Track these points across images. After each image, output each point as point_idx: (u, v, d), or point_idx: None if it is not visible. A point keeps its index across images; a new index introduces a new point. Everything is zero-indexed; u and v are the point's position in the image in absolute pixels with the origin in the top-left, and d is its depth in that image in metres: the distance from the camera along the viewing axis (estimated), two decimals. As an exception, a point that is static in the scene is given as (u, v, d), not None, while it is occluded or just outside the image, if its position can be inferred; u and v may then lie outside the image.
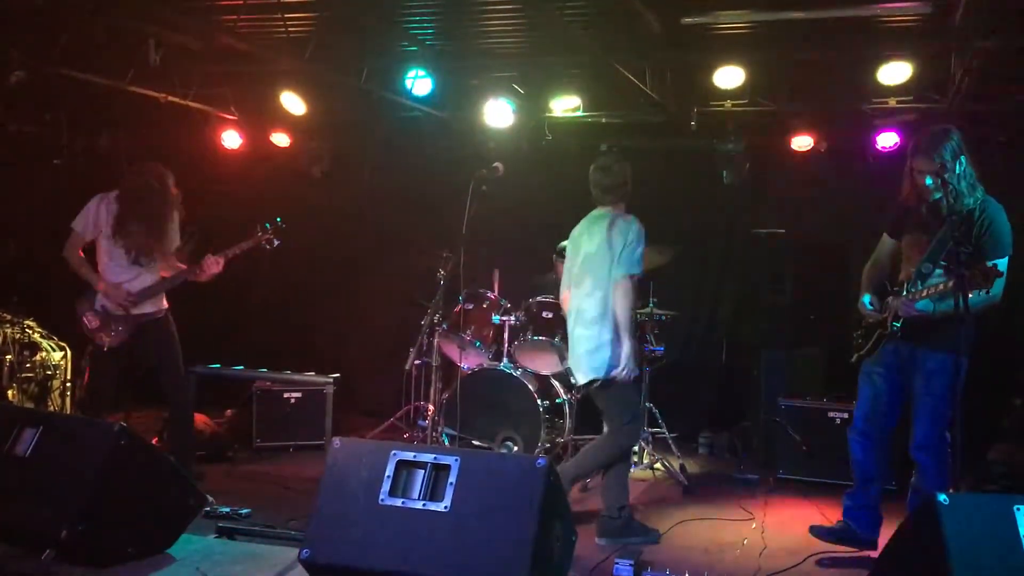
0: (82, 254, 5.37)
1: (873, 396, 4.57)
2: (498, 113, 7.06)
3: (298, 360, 7.19)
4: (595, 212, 5.08)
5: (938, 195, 4.15)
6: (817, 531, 4.76)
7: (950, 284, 4.01)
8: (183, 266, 5.49)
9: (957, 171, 4.16)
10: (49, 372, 6.72)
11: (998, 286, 3.98)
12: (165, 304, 5.51)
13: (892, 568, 3.38)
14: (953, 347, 4.02)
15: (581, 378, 5.01)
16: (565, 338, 6.46)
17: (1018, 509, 2.97)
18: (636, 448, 6.64)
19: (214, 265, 5.40)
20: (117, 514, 3.56)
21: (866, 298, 4.56)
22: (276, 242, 5.61)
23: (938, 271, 4.24)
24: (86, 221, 5.34)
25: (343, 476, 3.30)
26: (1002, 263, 4.09)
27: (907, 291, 4.33)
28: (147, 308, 5.39)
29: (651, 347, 6.60)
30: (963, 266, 3.81)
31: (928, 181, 4.18)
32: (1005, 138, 6.27)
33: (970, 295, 3.77)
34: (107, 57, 6.50)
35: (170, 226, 5.50)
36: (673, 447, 6.71)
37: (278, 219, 5.61)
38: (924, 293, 4.23)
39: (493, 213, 5.82)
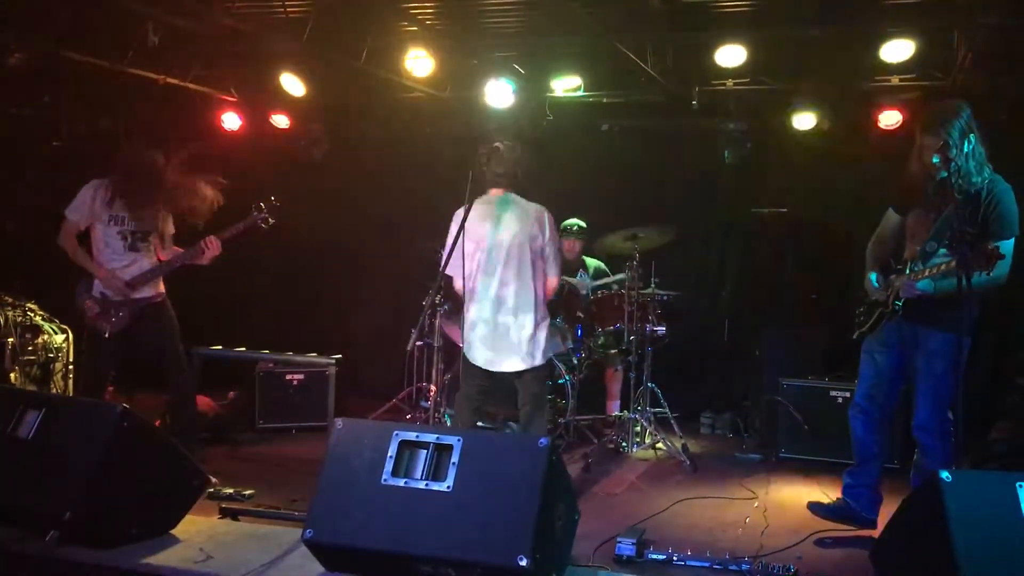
0: (76, 242, 5.33)
1: (875, 374, 4.56)
2: (498, 93, 7.02)
3: (300, 341, 7.18)
4: (500, 196, 4.89)
5: (945, 173, 4.05)
6: (815, 508, 4.77)
7: (951, 264, 3.98)
8: (180, 249, 5.48)
9: (965, 150, 4.09)
10: (51, 355, 6.72)
11: (1002, 267, 3.94)
12: (162, 288, 5.50)
13: (895, 545, 3.40)
14: (955, 327, 4.00)
15: (522, 363, 4.76)
16: (567, 319, 6.50)
17: (1020, 486, 2.97)
18: (639, 428, 6.67)
19: (215, 247, 5.37)
20: (120, 496, 3.57)
21: (872, 276, 4.53)
22: (271, 221, 5.55)
23: (942, 250, 4.20)
24: (80, 208, 5.29)
25: (346, 457, 3.31)
26: (1007, 244, 4.05)
27: (909, 270, 4.31)
28: (145, 292, 5.39)
29: (653, 327, 6.60)
30: (967, 246, 3.79)
31: (935, 159, 4.08)
32: (1007, 116, 6.23)
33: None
34: (106, 38, 6.46)
35: (166, 208, 5.49)
36: (675, 427, 6.72)
37: (272, 198, 5.56)
38: (926, 273, 4.19)
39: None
